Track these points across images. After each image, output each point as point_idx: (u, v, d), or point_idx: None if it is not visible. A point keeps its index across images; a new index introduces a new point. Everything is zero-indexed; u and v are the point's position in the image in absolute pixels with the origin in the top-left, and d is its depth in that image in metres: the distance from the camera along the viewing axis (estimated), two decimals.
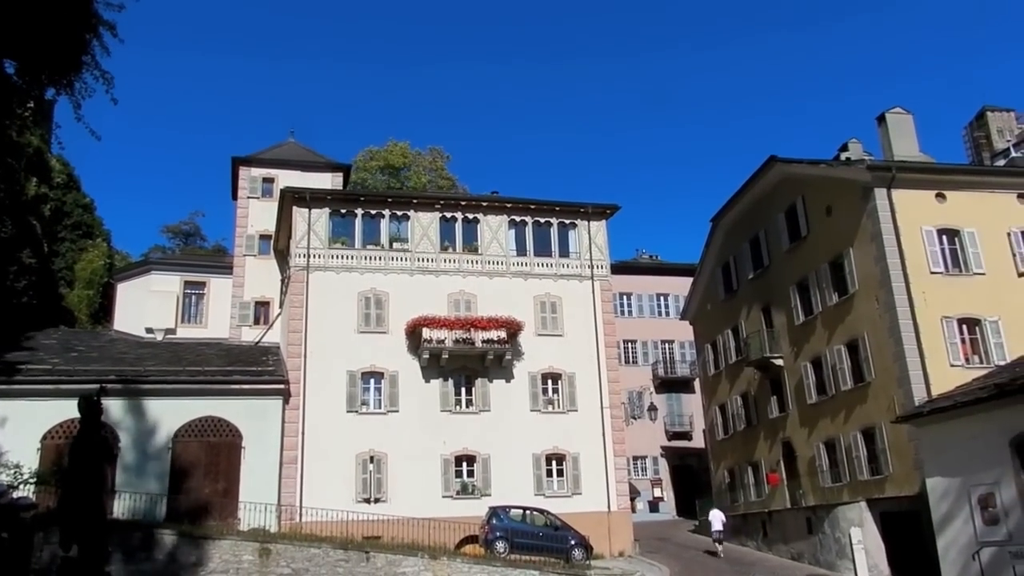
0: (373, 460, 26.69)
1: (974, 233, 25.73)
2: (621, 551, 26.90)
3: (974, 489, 18.70)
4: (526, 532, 23.31)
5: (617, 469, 28.63)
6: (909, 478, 23.15)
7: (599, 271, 30.96)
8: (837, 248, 27.33)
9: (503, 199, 31.61)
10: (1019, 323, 24.66)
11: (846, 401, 26.81)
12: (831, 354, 27.54)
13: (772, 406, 31.64)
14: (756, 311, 32.87)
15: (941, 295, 24.64)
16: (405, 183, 48.99)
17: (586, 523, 25.12)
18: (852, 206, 26.68)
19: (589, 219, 31.38)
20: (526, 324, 28.96)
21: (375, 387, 27.81)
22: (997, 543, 17.87)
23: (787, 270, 30.52)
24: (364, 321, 28.29)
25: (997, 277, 25.41)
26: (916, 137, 31.47)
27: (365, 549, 20.45)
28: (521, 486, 27.17)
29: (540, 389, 28.98)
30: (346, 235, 29.40)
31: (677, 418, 45.41)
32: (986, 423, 18.57)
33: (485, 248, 30.29)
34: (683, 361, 45.94)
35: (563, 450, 28.25)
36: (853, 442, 26.28)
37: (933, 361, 23.76)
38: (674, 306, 46.15)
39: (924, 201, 25.82)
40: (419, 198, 31.69)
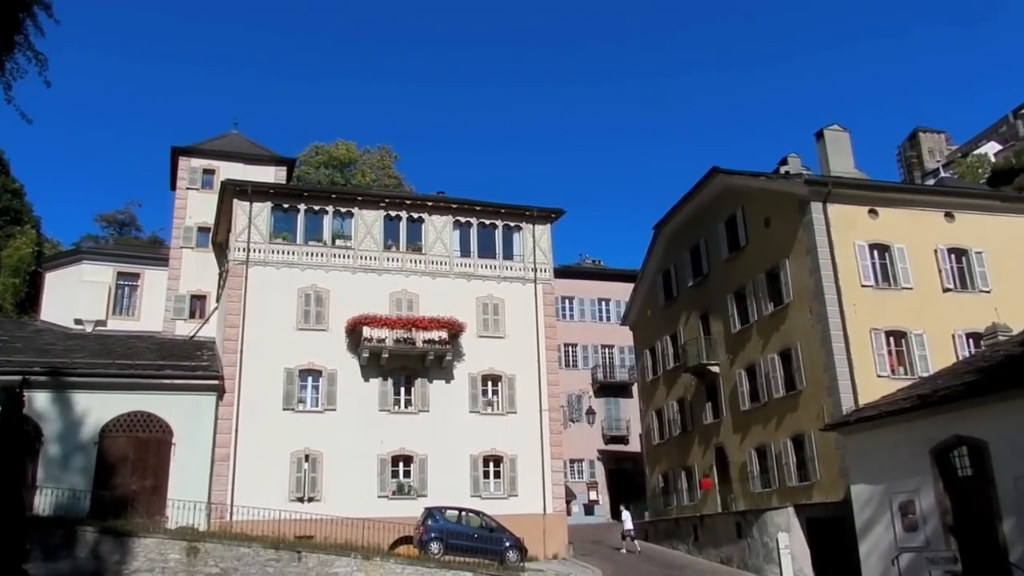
0: (308, 459, 26.33)
1: (903, 249, 26.63)
2: (555, 553, 27.06)
3: (895, 496, 19.32)
4: (461, 533, 23.27)
5: (554, 472, 28.81)
6: (835, 485, 23.82)
7: (542, 274, 31.13)
8: (774, 259, 27.99)
9: (449, 200, 31.55)
10: (942, 337, 25.62)
11: (778, 409, 27.47)
12: (765, 362, 28.19)
13: (707, 412, 32.23)
14: (695, 318, 33.45)
15: (871, 308, 25.44)
16: (351, 180, 48.54)
17: (522, 525, 25.21)
18: (789, 219, 27.36)
19: (534, 222, 31.53)
20: (468, 325, 28.94)
21: (313, 385, 27.45)
22: (915, 549, 18.47)
23: (725, 279, 31.14)
24: (304, 318, 27.91)
25: (923, 292, 26.35)
26: (852, 154, 32.54)
27: (297, 549, 20.16)
28: (458, 487, 27.12)
29: (480, 390, 28.98)
30: (288, 230, 28.96)
31: (615, 422, 45.89)
32: (908, 433, 19.20)
33: (429, 248, 30.18)
34: (622, 366, 46.46)
35: (501, 452, 28.30)
36: (783, 449, 26.93)
37: (861, 371, 24.52)
38: (615, 311, 46.68)
39: (857, 216, 26.63)
40: (364, 195, 31.40)
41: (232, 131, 38.81)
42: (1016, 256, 27.60)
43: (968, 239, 27.42)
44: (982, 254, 27.32)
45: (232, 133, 38.61)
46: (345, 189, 38.64)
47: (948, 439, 18.19)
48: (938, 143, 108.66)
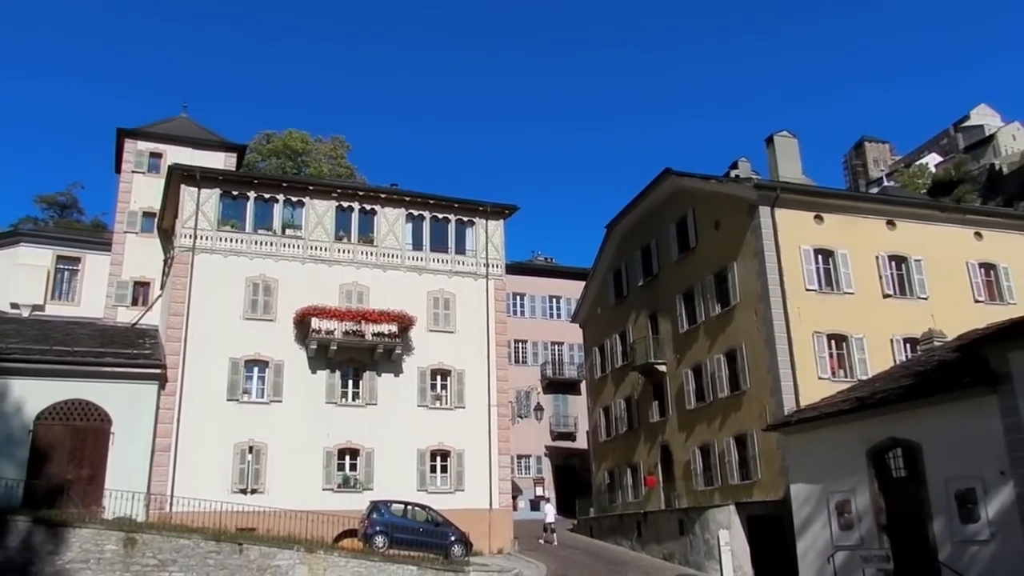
0: (252, 450, 25.95)
1: (847, 254, 27.30)
2: (500, 548, 27.15)
3: (832, 495, 19.84)
4: (407, 527, 23.19)
5: (501, 467, 28.87)
6: (775, 483, 24.34)
7: (494, 270, 31.14)
8: (722, 261, 28.45)
9: (402, 192, 31.36)
10: (881, 341, 26.36)
11: (722, 408, 27.95)
12: (711, 362, 28.65)
13: (653, 410, 32.64)
14: (644, 318, 33.82)
15: (814, 311, 26.03)
16: (302, 170, 47.86)
17: (468, 520, 25.22)
18: (738, 222, 27.83)
19: (487, 218, 31.51)
20: (418, 319, 28.81)
21: (259, 376, 27.03)
22: (850, 547, 19.00)
23: (675, 279, 31.55)
24: (251, 308, 27.46)
25: (864, 297, 27.05)
26: (800, 160, 33.28)
27: (238, 541, 19.85)
28: (404, 481, 27.01)
29: (429, 385, 28.89)
30: (236, 218, 28.44)
31: (563, 419, 46.18)
32: (847, 434, 19.74)
33: (381, 240, 29.95)
34: (571, 363, 46.75)
35: (448, 446, 28.26)
36: (727, 447, 27.42)
37: (803, 373, 25.08)
38: (566, 309, 46.92)
39: (804, 221, 27.20)
40: (316, 185, 31.01)
41: (181, 115, 37.97)
42: (952, 265, 28.54)
43: (908, 247, 28.23)
44: (921, 262, 28.15)
45: (181, 117, 37.76)
46: (297, 178, 38.07)
47: (884, 441, 18.75)
48: (882, 153, 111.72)
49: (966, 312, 26.13)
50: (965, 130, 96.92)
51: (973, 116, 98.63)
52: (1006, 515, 15.72)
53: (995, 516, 15.97)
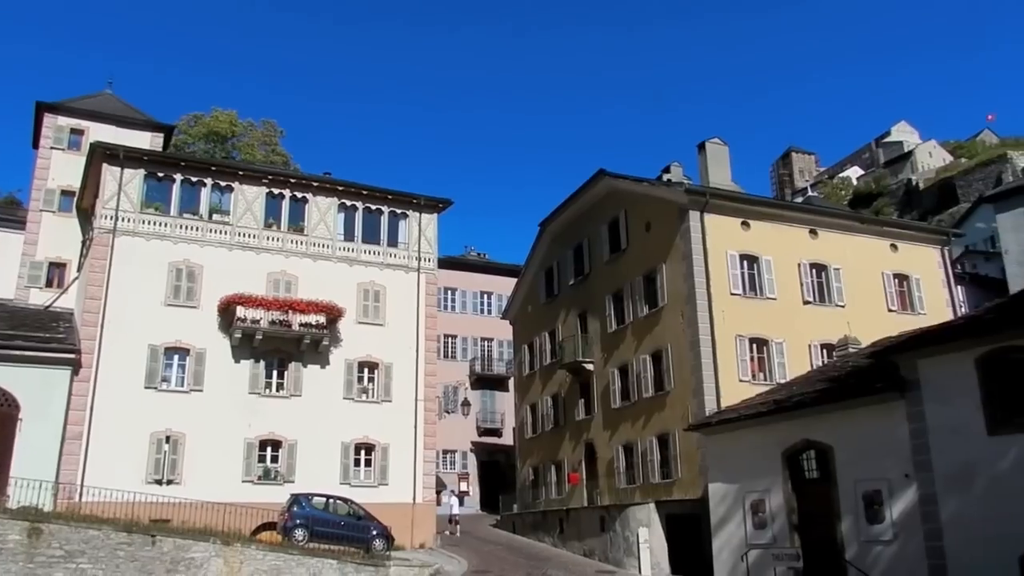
0: (169, 440, 25.23)
1: (770, 261, 28.08)
2: (423, 543, 27.06)
3: (748, 495, 20.41)
4: (328, 521, 22.88)
5: (426, 462, 28.77)
6: (694, 483, 24.89)
7: (426, 264, 30.97)
8: (652, 263, 28.92)
9: (335, 181, 30.88)
10: (800, 346, 27.23)
11: (646, 408, 28.43)
12: (637, 362, 29.11)
13: (580, 409, 32.98)
14: (573, 316, 34.15)
15: (738, 315, 26.71)
16: (232, 154, 46.60)
17: (391, 514, 25.02)
18: (669, 225, 28.33)
19: (421, 211, 31.30)
20: (347, 311, 28.45)
21: (179, 364, 26.31)
22: (762, 546, 19.58)
23: (605, 280, 31.93)
24: (173, 293, 26.69)
25: (786, 303, 27.88)
26: (730, 167, 34.06)
27: (151, 532, 19.26)
28: (327, 474, 26.67)
29: (356, 377, 28.57)
30: (161, 200, 27.58)
31: (490, 415, 46.27)
32: (764, 435, 20.32)
33: (312, 230, 29.46)
34: (500, 359, 46.88)
35: (373, 440, 28.01)
36: (649, 447, 27.91)
37: (725, 375, 25.70)
38: (497, 305, 47.01)
39: (731, 227, 27.87)
40: (246, 170, 30.29)
41: (105, 91, 36.54)
42: (869, 275, 29.65)
43: (828, 256, 29.20)
44: (840, 271, 29.16)
45: (105, 93, 36.34)
46: (226, 162, 37.07)
47: (799, 443, 19.36)
48: (808, 164, 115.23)
49: (880, 320, 27.18)
50: (886, 146, 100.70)
51: (894, 132, 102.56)
52: (909, 516, 16.43)
53: (899, 517, 16.67)
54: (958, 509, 15.44)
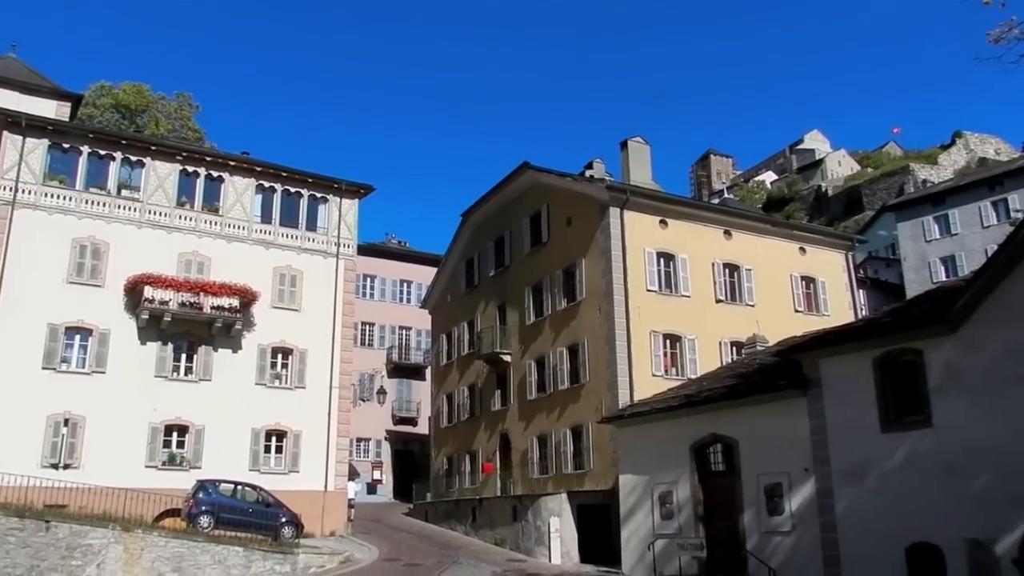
0: (68, 423, 24.22)
1: (686, 259, 28.77)
2: (333, 531, 26.77)
3: (656, 487, 20.92)
4: (235, 508, 22.39)
5: (339, 450, 28.44)
6: (606, 474, 25.36)
7: (345, 250, 30.53)
8: (572, 257, 29.24)
9: (253, 162, 30.10)
10: (711, 343, 28.02)
11: (562, 400, 28.79)
12: (554, 355, 29.42)
13: (496, 399, 33.15)
14: (492, 308, 34.25)
15: (653, 311, 27.28)
16: (143, 129, 44.80)
17: (301, 502, 24.68)
18: (589, 220, 28.69)
19: (342, 196, 30.83)
20: (262, 295, 27.83)
21: (81, 344, 25.27)
22: (668, 536, 20.09)
23: (525, 272, 32.12)
24: (76, 271, 25.58)
25: (699, 301, 28.63)
26: (651, 166, 34.69)
27: (45, 518, 18.50)
28: (236, 461, 26.07)
29: (269, 363, 27.99)
30: (66, 173, 26.36)
31: (405, 403, 46.03)
32: (674, 429, 20.84)
33: (227, 210, 28.65)
34: (418, 349, 46.65)
35: (285, 427, 27.52)
36: (563, 438, 28.27)
37: (639, 370, 26.22)
38: (416, 294, 46.73)
39: (650, 225, 28.42)
40: (159, 145, 29.21)
41: (9, 54, 34.67)
42: (778, 276, 30.72)
43: (741, 256, 30.11)
44: (751, 271, 30.11)
45: (8, 57, 34.47)
46: (138, 136, 35.61)
47: (706, 436, 19.94)
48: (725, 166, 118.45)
49: (787, 320, 28.20)
50: (799, 152, 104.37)
51: (806, 140, 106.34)
52: (806, 509, 17.14)
53: (797, 509, 17.38)
54: (852, 502, 16.19)
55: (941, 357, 15.11)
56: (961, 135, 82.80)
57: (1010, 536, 13.57)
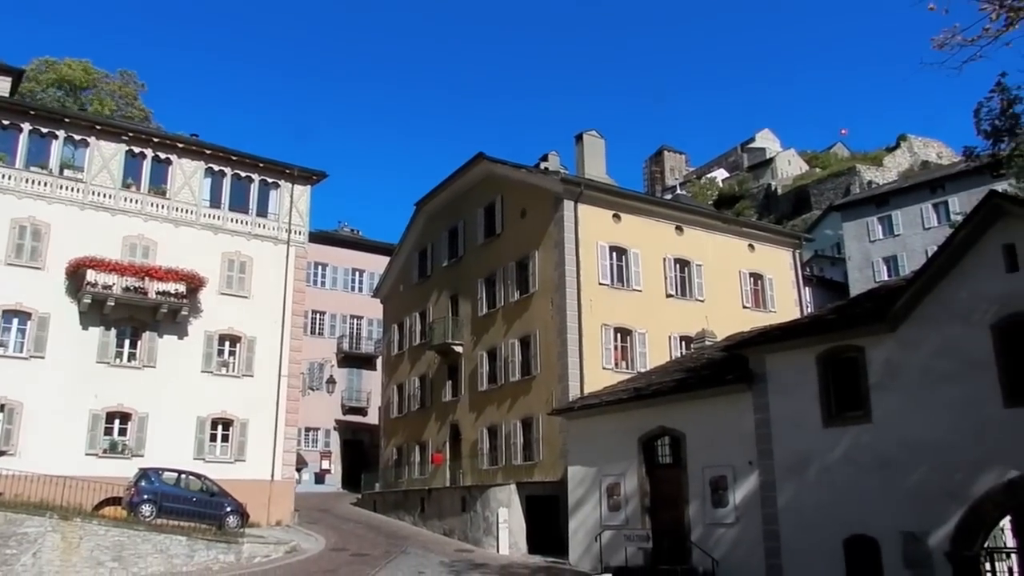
0: (4, 409, 23.53)
1: (638, 254, 29.05)
2: (279, 520, 26.48)
3: (605, 478, 21.14)
4: (178, 497, 21.99)
5: (287, 439, 28.13)
6: (555, 466, 25.54)
7: (296, 236, 30.13)
8: (525, 249, 29.30)
9: (203, 144, 29.46)
10: (661, 337, 28.36)
11: (512, 391, 28.87)
12: (506, 347, 29.48)
13: (447, 390, 33.10)
14: (445, 298, 34.16)
15: (604, 305, 27.50)
16: (87, 107, 43.48)
17: (247, 491, 24.34)
18: (543, 213, 28.76)
19: (294, 182, 30.39)
20: (210, 280, 27.33)
21: (19, 328, 24.53)
22: (615, 527, 20.35)
23: (479, 263, 32.09)
24: (15, 252, 24.79)
25: (650, 295, 28.94)
26: (605, 160, 34.90)
27: None
28: (180, 449, 25.62)
29: (216, 350, 27.52)
30: (6, 151, 25.50)
31: (355, 393, 45.68)
32: (623, 422, 21.08)
33: (175, 193, 28.03)
34: (369, 338, 46.31)
35: (232, 415, 27.11)
36: (513, 430, 28.38)
37: (590, 362, 26.43)
38: (368, 283, 46.37)
39: (603, 219, 28.62)
40: (104, 125, 28.40)
41: None
42: (727, 272, 31.23)
43: (692, 252, 30.52)
44: (701, 267, 30.55)
45: None
46: (82, 114, 34.59)
47: (654, 429, 20.21)
48: (679, 163, 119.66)
49: (735, 316, 28.71)
50: (750, 151, 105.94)
51: (758, 139, 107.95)
52: (750, 501, 17.51)
53: (741, 502, 17.74)
54: (793, 495, 16.59)
55: (881, 354, 15.54)
56: (906, 138, 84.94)
57: (943, 529, 14.05)
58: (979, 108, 12.91)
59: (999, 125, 12.72)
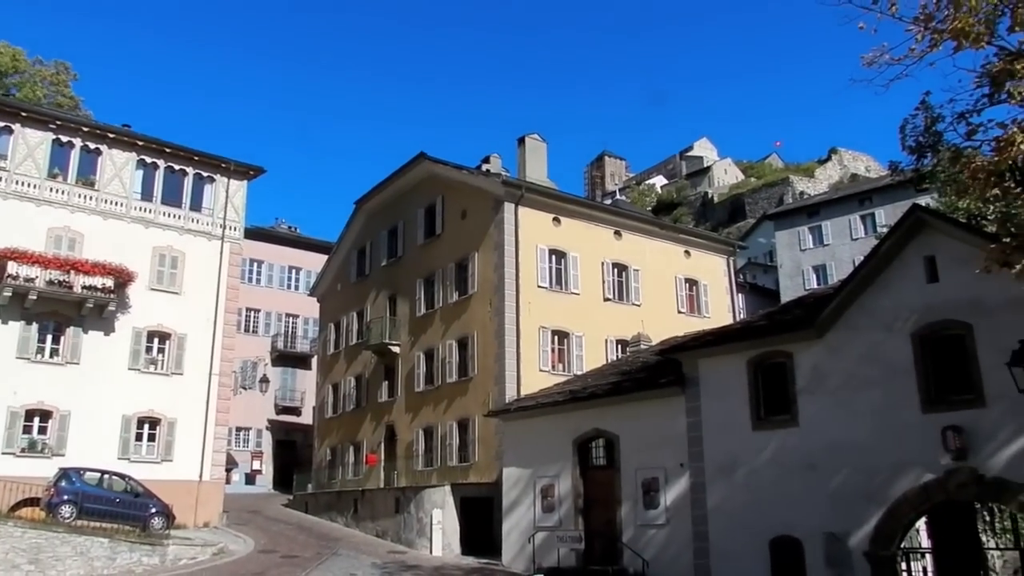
0: None
1: (577, 257, 29.30)
2: (207, 522, 25.89)
3: (539, 480, 21.25)
4: (101, 497, 21.31)
5: (216, 439, 27.53)
6: (490, 467, 25.56)
7: (231, 232, 29.52)
8: (465, 251, 29.27)
9: (135, 135, 28.59)
10: (598, 340, 28.66)
11: (449, 393, 28.80)
12: (443, 348, 29.39)
13: (383, 391, 32.83)
14: (383, 298, 33.88)
15: (543, 307, 27.66)
16: (11, 91, 41.76)
17: (175, 492, 23.72)
18: (484, 215, 28.79)
19: (230, 176, 29.76)
20: (139, 275, 26.58)
21: None
22: (549, 528, 20.47)
23: (418, 263, 31.93)
24: None
25: (588, 298, 29.22)
26: (547, 164, 35.13)
27: None
28: (104, 448, 24.84)
29: (144, 347, 26.76)
30: None
31: (289, 393, 44.96)
32: (558, 423, 21.22)
33: (104, 185, 27.17)
34: (305, 337, 45.64)
35: (159, 414, 26.39)
36: (449, 431, 28.31)
37: (527, 365, 26.56)
38: (305, 281, 45.71)
39: (543, 222, 28.79)
40: (29, 111, 27.34)
41: None
42: (663, 277, 31.75)
43: (629, 257, 30.92)
44: (638, 271, 30.98)
45: None
46: (7, 99, 33.26)
47: (589, 431, 20.39)
48: (619, 168, 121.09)
49: (670, 321, 29.18)
50: (688, 159, 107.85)
51: (696, 148, 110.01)
52: (680, 503, 17.80)
53: (671, 503, 18.02)
54: (722, 497, 16.93)
55: (809, 360, 15.99)
56: (836, 151, 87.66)
57: (863, 529, 14.53)
58: (904, 125, 13.40)
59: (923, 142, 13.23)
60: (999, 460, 13.22)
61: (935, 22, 10.88)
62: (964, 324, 13.95)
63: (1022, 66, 10.35)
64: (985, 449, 13.38)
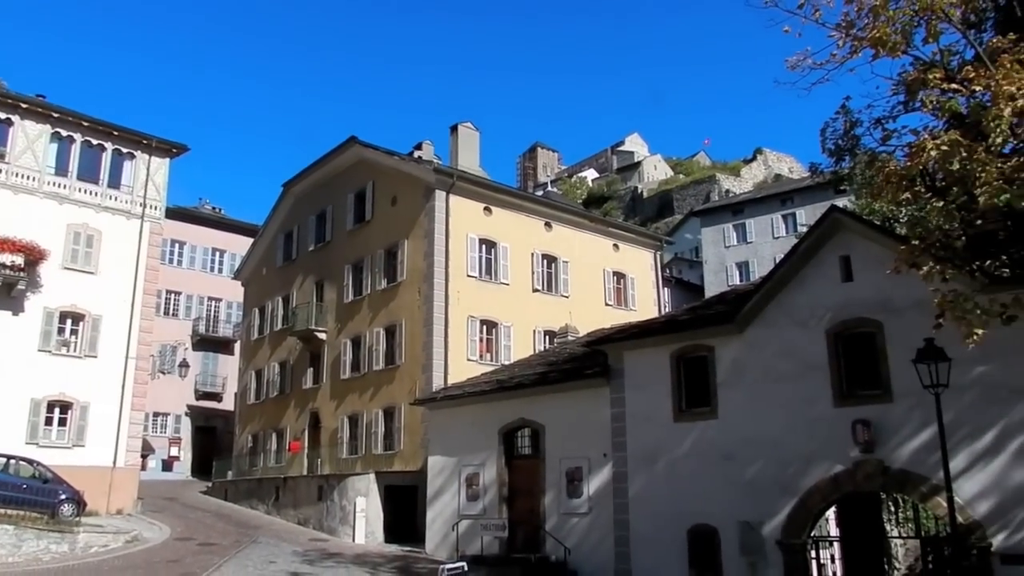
0: None
1: (507, 248, 29.41)
2: (120, 509, 25.11)
3: (464, 469, 21.32)
4: (6, 483, 20.43)
5: (132, 424, 26.66)
6: (415, 455, 25.51)
7: (152, 211, 28.55)
8: (395, 238, 29.04)
9: (49, 106, 27.31)
10: (526, 331, 28.87)
11: (376, 380, 28.58)
12: (371, 335, 29.14)
13: (308, 377, 32.37)
14: (310, 283, 33.36)
15: (472, 297, 27.69)
16: None
17: (86, 478, 22.89)
18: (415, 202, 28.59)
19: (151, 153, 28.76)
20: (52, 253, 25.49)
21: None
22: (473, 516, 20.57)
23: (347, 249, 31.53)
24: None
25: (517, 289, 29.39)
26: (479, 153, 35.08)
27: None
28: (11, 433, 23.78)
29: (56, 328, 25.71)
30: None
31: (210, 378, 43.90)
32: (485, 413, 21.32)
33: (15, 158, 25.93)
34: (227, 321, 44.60)
35: (71, 398, 25.42)
36: (375, 419, 28.12)
37: (455, 354, 26.57)
38: (229, 264, 44.64)
39: (474, 211, 28.78)
40: None
41: None
42: (591, 270, 32.16)
43: (559, 249, 31.20)
44: (568, 263, 31.29)
45: None
46: None
47: (515, 421, 20.55)
48: (551, 160, 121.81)
49: (598, 313, 29.59)
50: (619, 154, 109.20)
51: (627, 143, 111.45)
52: (602, 492, 18.10)
53: (594, 492, 18.32)
54: (643, 487, 17.30)
55: (729, 354, 16.44)
56: (761, 151, 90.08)
57: (776, 519, 15.07)
58: (825, 128, 13.83)
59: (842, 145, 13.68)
60: (904, 453, 13.88)
61: (856, 29, 11.30)
62: (875, 322, 14.55)
63: (935, 76, 10.82)
64: (891, 442, 14.02)
